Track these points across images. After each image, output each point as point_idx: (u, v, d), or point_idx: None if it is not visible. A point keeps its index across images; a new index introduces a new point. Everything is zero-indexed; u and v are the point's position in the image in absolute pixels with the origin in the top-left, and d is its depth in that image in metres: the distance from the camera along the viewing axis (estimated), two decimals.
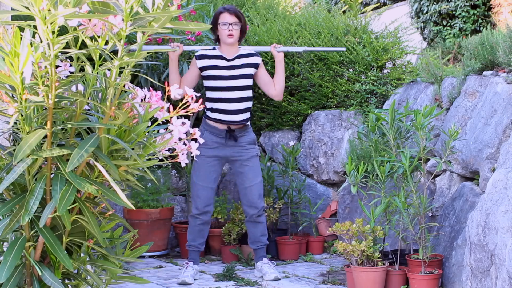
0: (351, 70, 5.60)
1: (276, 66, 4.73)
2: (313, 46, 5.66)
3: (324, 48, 5.35)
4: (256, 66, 4.65)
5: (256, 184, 4.59)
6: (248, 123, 4.65)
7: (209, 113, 4.54)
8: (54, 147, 1.99)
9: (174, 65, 4.54)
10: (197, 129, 2.22)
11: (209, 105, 4.55)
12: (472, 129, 4.24)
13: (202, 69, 4.55)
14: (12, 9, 2.17)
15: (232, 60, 4.57)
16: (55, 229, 2.08)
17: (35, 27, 1.88)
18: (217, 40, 4.61)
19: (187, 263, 4.53)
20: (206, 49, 4.63)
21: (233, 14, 4.50)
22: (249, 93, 4.61)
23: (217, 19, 4.52)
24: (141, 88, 2.15)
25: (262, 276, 4.50)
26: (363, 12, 6.19)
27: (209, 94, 4.55)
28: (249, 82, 4.60)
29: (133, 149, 2.08)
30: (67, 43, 1.98)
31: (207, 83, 4.55)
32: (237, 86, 4.54)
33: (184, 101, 2.14)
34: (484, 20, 7.34)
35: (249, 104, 4.61)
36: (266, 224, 4.74)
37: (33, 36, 1.94)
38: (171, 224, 5.46)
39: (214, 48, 4.61)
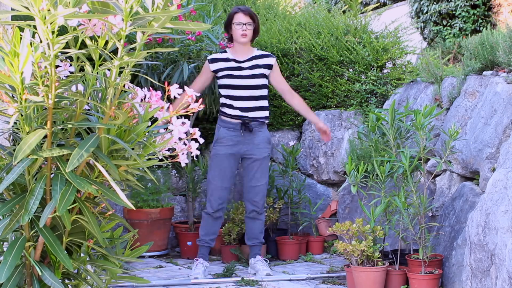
0: (351, 70, 5.60)
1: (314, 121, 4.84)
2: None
3: None
4: (269, 67, 4.72)
5: (262, 185, 4.70)
6: (265, 121, 4.72)
7: (224, 109, 4.66)
8: (54, 147, 1.99)
9: None
10: (197, 129, 2.22)
11: (223, 100, 4.67)
12: (472, 129, 4.24)
13: (215, 71, 4.66)
14: (12, 9, 2.17)
15: (243, 62, 4.67)
16: (55, 229, 2.08)
17: (35, 27, 1.88)
18: (230, 39, 4.71)
19: (197, 259, 4.61)
20: (217, 52, 4.79)
21: (248, 15, 4.61)
22: (263, 92, 4.69)
23: (231, 19, 4.63)
24: (141, 88, 2.15)
25: (255, 273, 4.56)
26: (363, 12, 6.19)
27: (223, 92, 4.66)
28: (261, 81, 4.68)
29: (133, 149, 2.08)
30: (67, 43, 1.98)
31: (220, 81, 4.66)
32: (249, 85, 4.63)
33: (184, 101, 2.14)
34: (484, 20, 7.34)
35: (263, 102, 4.69)
36: (264, 222, 4.81)
37: (33, 36, 1.94)
38: (171, 224, 5.45)
39: (225, 51, 4.72)
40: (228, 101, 4.62)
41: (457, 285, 3.88)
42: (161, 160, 2.17)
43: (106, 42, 2.04)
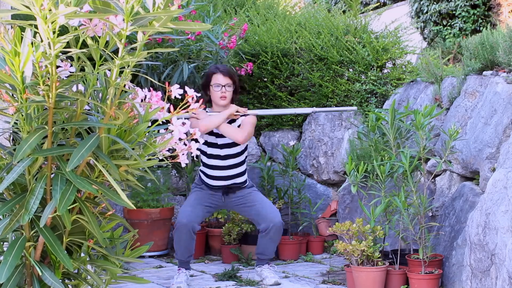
0: (351, 70, 5.60)
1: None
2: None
3: (335, 108, 5.14)
4: None
5: (265, 202, 4.44)
6: (246, 183, 4.49)
7: (203, 177, 4.44)
8: (54, 146, 1.99)
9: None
10: (197, 129, 2.22)
11: (202, 167, 4.46)
12: (472, 129, 4.24)
13: None
14: (12, 8, 2.17)
15: None
16: (55, 229, 2.08)
17: (36, 26, 1.87)
18: (209, 101, 4.45)
19: (179, 269, 4.41)
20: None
21: (227, 75, 4.35)
22: (241, 158, 4.47)
23: (209, 79, 4.37)
24: (141, 88, 2.15)
25: (262, 280, 4.39)
26: (363, 12, 6.19)
27: (202, 158, 4.46)
28: (240, 148, 4.45)
29: (133, 149, 2.07)
30: (67, 42, 1.98)
31: (200, 146, 4.42)
32: (228, 155, 4.42)
33: (184, 102, 2.14)
34: (484, 20, 7.35)
35: (242, 168, 4.46)
36: (279, 241, 4.53)
37: (34, 36, 1.94)
38: (171, 224, 5.45)
39: (206, 111, 4.42)
40: (206, 170, 4.41)
41: (457, 285, 3.88)
42: (161, 160, 2.17)
43: (107, 42, 2.04)
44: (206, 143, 4.43)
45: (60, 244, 1.96)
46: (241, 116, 4.43)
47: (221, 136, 4.40)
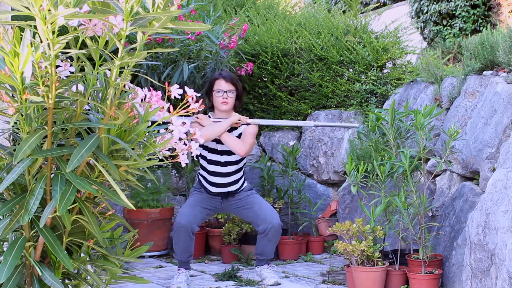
0: (351, 70, 5.60)
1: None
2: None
3: (337, 124, 5.21)
4: None
5: (263, 204, 4.46)
6: (244, 186, 4.53)
7: (202, 181, 4.47)
8: (54, 147, 1.99)
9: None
10: (197, 129, 2.22)
11: (201, 172, 4.50)
12: (472, 129, 4.24)
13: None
14: (12, 9, 2.17)
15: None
16: (55, 229, 2.08)
17: (35, 27, 1.88)
18: (212, 107, 4.47)
19: (179, 269, 4.43)
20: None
21: (229, 82, 4.38)
22: (240, 165, 4.50)
23: (212, 85, 4.41)
24: (141, 88, 2.15)
25: (262, 280, 4.40)
26: (363, 12, 6.19)
27: (202, 162, 4.50)
28: (239, 156, 4.46)
29: (133, 149, 2.07)
30: (67, 43, 1.98)
31: (200, 151, 4.46)
32: (228, 161, 4.46)
33: (184, 101, 2.14)
34: (484, 20, 7.34)
35: (240, 175, 4.51)
36: (277, 242, 4.54)
37: (34, 36, 1.94)
38: (171, 224, 5.45)
39: (209, 116, 4.45)
40: (206, 175, 4.45)
41: (457, 285, 3.88)
42: (161, 160, 2.17)
43: (107, 42, 2.04)
44: (206, 148, 4.47)
45: (60, 244, 1.96)
46: (243, 125, 4.45)
47: (222, 143, 4.43)
